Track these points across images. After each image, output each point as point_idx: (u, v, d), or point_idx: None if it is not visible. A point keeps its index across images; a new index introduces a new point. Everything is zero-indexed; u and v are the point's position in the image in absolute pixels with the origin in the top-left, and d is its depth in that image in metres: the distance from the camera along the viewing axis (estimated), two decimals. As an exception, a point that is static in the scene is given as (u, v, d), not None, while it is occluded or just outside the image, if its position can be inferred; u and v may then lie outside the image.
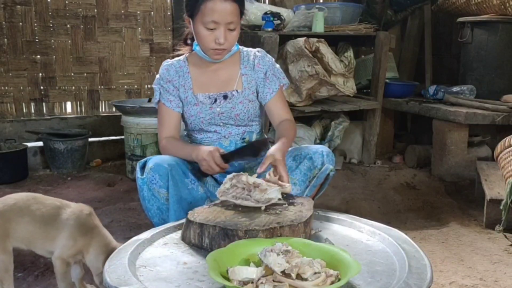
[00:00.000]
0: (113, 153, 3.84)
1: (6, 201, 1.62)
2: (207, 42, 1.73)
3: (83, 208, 1.66)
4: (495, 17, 3.51)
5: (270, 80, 1.89)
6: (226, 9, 1.67)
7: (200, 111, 1.86)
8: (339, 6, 3.67)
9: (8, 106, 3.69)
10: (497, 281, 1.94)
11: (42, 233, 1.60)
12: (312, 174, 1.81)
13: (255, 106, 1.91)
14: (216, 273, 1.02)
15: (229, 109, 1.86)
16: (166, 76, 1.87)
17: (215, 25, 1.69)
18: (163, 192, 1.69)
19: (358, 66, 3.96)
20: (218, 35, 1.70)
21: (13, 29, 3.61)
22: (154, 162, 1.70)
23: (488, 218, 2.52)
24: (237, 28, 1.74)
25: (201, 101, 1.85)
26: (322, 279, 1.01)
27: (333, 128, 3.47)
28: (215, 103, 1.85)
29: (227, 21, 1.69)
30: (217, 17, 1.67)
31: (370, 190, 3.16)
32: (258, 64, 1.89)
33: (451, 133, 3.33)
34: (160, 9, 4.03)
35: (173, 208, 1.69)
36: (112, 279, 1.08)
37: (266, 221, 1.29)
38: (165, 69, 1.88)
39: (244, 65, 1.89)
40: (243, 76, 1.89)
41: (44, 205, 1.61)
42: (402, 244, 1.27)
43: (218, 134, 1.89)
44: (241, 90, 1.87)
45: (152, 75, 4.10)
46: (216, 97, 1.86)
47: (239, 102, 1.86)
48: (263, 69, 1.89)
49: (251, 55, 1.91)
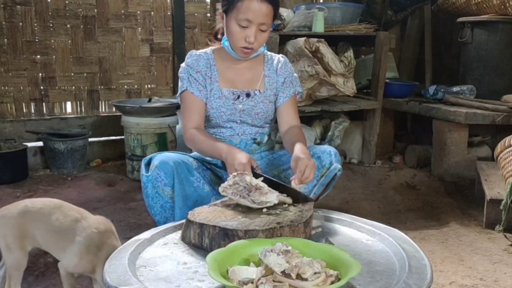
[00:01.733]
0: (113, 153, 3.84)
1: (34, 203, 1.64)
2: (238, 40, 1.75)
3: (100, 224, 1.61)
4: (495, 17, 3.51)
5: (287, 86, 1.94)
6: (262, 10, 1.69)
7: (223, 105, 1.87)
8: (339, 6, 3.67)
9: (8, 106, 3.69)
10: (497, 281, 1.94)
11: (55, 243, 1.60)
12: (320, 173, 1.82)
13: (273, 108, 1.94)
14: (216, 273, 1.02)
15: (251, 107, 1.89)
16: (195, 66, 1.87)
17: (248, 24, 1.71)
18: (168, 190, 1.69)
19: (358, 66, 3.96)
20: (249, 34, 1.72)
21: (13, 29, 3.61)
22: (159, 159, 1.69)
23: (488, 218, 2.52)
24: (268, 30, 1.77)
25: (225, 96, 1.87)
26: (322, 279, 1.01)
27: (333, 128, 3.47)
28: (237, 100, 1.88)
29: (260, 21, 1.71)
30: (252, 16, 1.69)
31: (370, 190, 3.16)
32: (280, 69, 1.94)
33: (451, 133, 3.33)
34: (160, 9, 4.03)
35: (179, 206, 1.69)
36: (112, 279, 1.08)
37: (266, 221, 1.29)
38: (195, 59, 1.89)
39: (268, 67, 1.94)
40: (266, 77, 1.92)
41: (64, 216, 1.60)
42: (402, 244, 1.27)
43: (232, 131, 1.90)
44: (263, 91, 1.91)
45: (152, 75, 4.10)
46: (240, 93, 1.88)
47: (260, 101, 1.90)
48: (284, 75, 1.94)
49: (275, 59, 1.96)
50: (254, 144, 1.95)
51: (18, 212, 1.61)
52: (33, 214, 1.60)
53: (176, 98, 1.95)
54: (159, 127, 3.31)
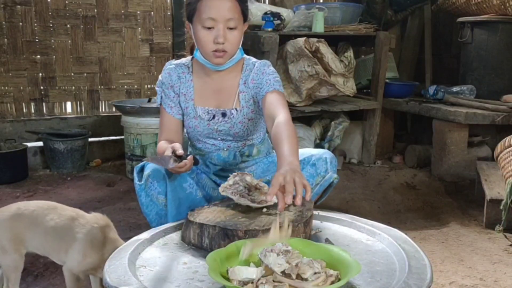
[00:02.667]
0: (113, 153, 3.84)
1: (27, 205, 1.62)
2: (206, 43, 1.62)
3: (98, 219, 1.60)
4: (495, 17, 3.51)
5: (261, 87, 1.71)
6: (224, 4, 1.59)
7: (198, 125, 1.79)
8: (339, 6, 3.67)
9: (8, 106, 3.69)
10: (497, 281, 1.94)
11: (54, 245, 1.57)
12: (315, 182, 1.74)
13: (255, 122, 1.81)
14: (216, 273, 1.02)
15: (227, 128, 1.78)
16: (168, 81, 1.79)
17: (213, 23, 1.59)
18: (162, 198, 1.67)
19: (358, 66, 3.96)
20: (216, 34, 1.60)
21: (13, 29, 3.61)
22: (151, 168, 1.66)
23: (488, 218, 2.52)
24: (239, 28, 1.64)
25: (200, 116, 1.78)
26: (322, 279, 1.01)
27: (333, 128, 3.47)
28: (213, 120, 1.77)
29: (226, 17, 1.59)
30: (214, 13, 1.58)
31: (370, 190, 3.16)
32: (252, 80, 1.74)
33: (451, 133, 3.33)
34: (160, 9, 4.03)
35: (172, 214, 1.66)
36: (112, 279, 1.08)
37: (266, 221, 1.29)
38: (167, 73, 1.80)
39: (243, 80, 1.76)
40: (241, 93, 1.76)
41: (59, 216, 1.58)
42: (402, 244, 1.26)
43: (216, 147, 1.84)
44: (240, 109, 1.76)
45: (152, 75, 4.10)
46: (215, 113, 1.77)
47: (238, 122, 1.77)
48: (257, 83, 1.73)
49: (253, 68, 1.76)
50: (245, 156, 1.86)
51: (11, 215, 1.59)
52: (26, 217, 1.58)
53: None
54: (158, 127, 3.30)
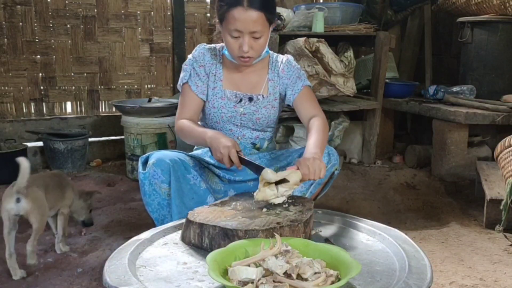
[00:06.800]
0: (113, 153, 3.85)
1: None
2: (233, 50, 1.72)
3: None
4: (495, 17, 3.51)
5: (293, 82, 1.89)
6: (250, 18, 1.64)
7: (224, 106, 1.86)
8: (339, 6, 3.67)
9: (8, 106, 3.69)
10: (497, 281, 1.94)
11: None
12: None
13: (275, 112, 1.92)
14: (216, 273, 1.02)
15: (252, 111, 1.87)
16: (200, 60, 1.86)
17: (239, 34, 1.67)
18: (165, 187, 1.70)
19: (358, 66, 3.96)
20: (242, 44, 1.68)
21: (13, 29, 3.61)
22: (156, 157, 1.71)
23: (488, 218, 2.52)
24: (264, 36, 1.71)
25: (228, 97, 1.86)
26: (322, 279, 1.01)
27: (333, 128, 3.47)
28: (240, 103, 1.86)
29: (250, 30, 1.66)
30: (240, 25, 1.64)
31: (370, 190, 3.16)
32: (282, 70, 1.90)
33: (451, 133, 3.33)
34: (160, 9, 4.03)
35: (175, 203, 1.69)
36: (112, 279, 1.08)
37: (266, 221, 1.29)
38: (202, 53, 1.87)
39: (272, 71, 1.90)
40: (270, 81, 1.90)
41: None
42: (402, 244, 1.27)
43: (232, 134, 1.89)
44: (267, 96, 1.88)
45: (152, 75, 4.10)
46: (242, 97, 1.87)
47: (263, 106, 1.88)
48: (287, 75, 1.90)
49: (279, 61, 1.92)
50: (253, 149, 1.94)
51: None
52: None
53: (178, 87, 1.93)
54: (159, 127, 3.31)
